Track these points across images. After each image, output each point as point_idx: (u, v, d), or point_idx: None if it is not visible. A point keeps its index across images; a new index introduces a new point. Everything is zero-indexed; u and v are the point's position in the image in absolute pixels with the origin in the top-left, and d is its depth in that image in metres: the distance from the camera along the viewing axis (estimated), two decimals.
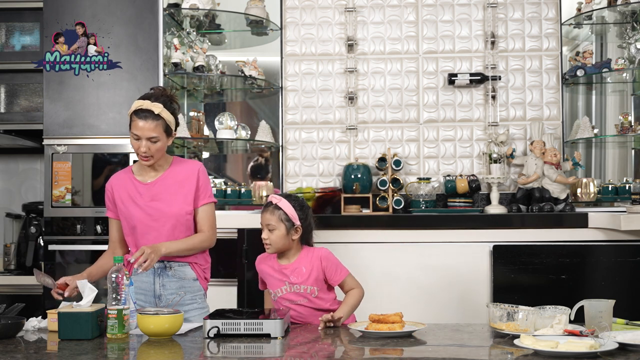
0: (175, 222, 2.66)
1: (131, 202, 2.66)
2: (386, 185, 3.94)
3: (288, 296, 2.65)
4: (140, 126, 2.57)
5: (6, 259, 4.29)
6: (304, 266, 2.66)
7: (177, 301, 2.62)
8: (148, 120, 2.58)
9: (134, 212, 2.65)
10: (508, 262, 3.59)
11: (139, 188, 2.68)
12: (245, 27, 4.35)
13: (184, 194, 2.68)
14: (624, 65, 3.99)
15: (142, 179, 2.69)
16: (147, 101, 2.60)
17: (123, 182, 2.70)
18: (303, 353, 2.07)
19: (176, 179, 2.69)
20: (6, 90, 4.20)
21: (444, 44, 4.23)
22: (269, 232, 2.65)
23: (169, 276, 2.67)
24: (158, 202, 2.66)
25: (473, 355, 2.10)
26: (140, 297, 2.67)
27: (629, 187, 4.01)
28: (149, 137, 2.58)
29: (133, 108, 2.60)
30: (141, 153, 2.60)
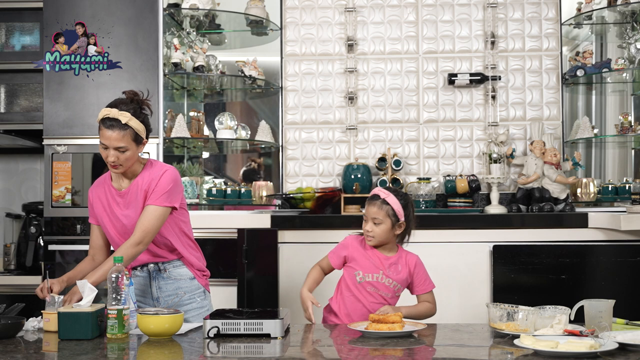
0: None
1: (110, 211, 2.61)
2: (386, 185, 3.94)
3: (378, 285, 2.65)
4: (108, 135, 2.47)
5: (6, 259, 4.29)
6: (400, 264, 2.70)
7: (175, 302, 2.62)
8: (115, 130, 2.47)
9: (114, 221, 2.60)
10: (508, 262, 3.59)
11: (115, 196, 2.61)
12: (245, 27, 4.35)
13: (142, 200, 2.58)
14: (624, 65, 3.99)
15: (117, 186, 2.62)
16: (114, 109, 2.49)
17: (101, 191, 2.64)
18: (303, 353, 2.07)
19: (142, 186, 2.58)
20: (6, 90, 4.20)
21: (444, 44, 4.23)
22: (373, 225, 2.66)
23: (165, 278, 2.67)
24: (131, 210, 2.59)
25: (473, 355, 2.10)
26: (139, 300, 2.67)
27: (629, 187, 4.02)
28: (116, 147, 2.48)
29: (100, 116, 2.49)
30: (109, 162, 2.51)
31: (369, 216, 2.67)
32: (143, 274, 2.67)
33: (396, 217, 2.66)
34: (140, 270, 2.68)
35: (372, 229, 2.66)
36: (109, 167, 2.56)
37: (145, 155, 3.84)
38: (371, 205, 2.68)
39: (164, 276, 2.66)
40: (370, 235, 2.67)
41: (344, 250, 2.73)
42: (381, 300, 2.66)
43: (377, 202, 2.67)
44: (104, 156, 2.52)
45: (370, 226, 2.66)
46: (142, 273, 2.68)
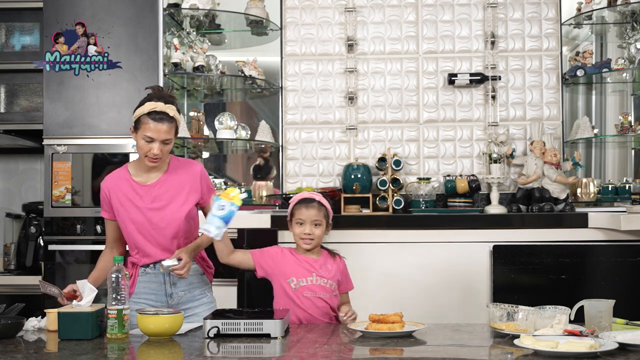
0: (178, 224, 2.63)
1: (131, 204, 2.62)
2: (386, 185, 3.94)
3: (313, 287, 2.66)
4: (157, 128, 2.51)
5: (6, 259, 4.29)
6: (329, 264, 2.73)
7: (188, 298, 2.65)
8: (164, 123, 2.52)
9: (135, 216, 2.61)
10: (508, 262, 3.59)
11: (138, 190, 2.62)
12: (245, 27, 4.35)
13: (185, 195, 2.64)
14: (624, 65, 3.99)
15: (141, 180, 2.64)
16: (160, 103, 2.54)
17: (120, 184, 2.64)
18: (303, 353, 2.07)
19: (178, 180, 2.64)
20: (6, 90, 4.20)
21: (444, 44, 4.23)
22: (313, 227, 2.69)
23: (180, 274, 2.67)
24: (160, 204, 2.62)
25: (473, 355, 2.10)
26: (151, 297, 2.66)
27: (629, 187, 4.02)
28: (163, 140, 2.53)
29: (147, 109, 2.53)
30: (152, 155, 2.54)
31: (307, 219, 2.68)
32: (155, 271, 2.66)
33: (328, 217, 2.75)
34: (152, 268, 2.66)
35: (312, 231, 2.68)
36: (147, 160, 2.56)
37: None
38: (309, 208, 2.70)
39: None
40: (310, 238, 2.68)
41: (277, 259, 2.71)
42: (321, 303, 2.66)
43: (314, 204, 2.71)
44: (146, 150, 2.54)
45: (310, 229, 2.68)
46: (154, 271, 2.66)
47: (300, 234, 2.69)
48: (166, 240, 2.63)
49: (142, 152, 2.55)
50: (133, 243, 2.66)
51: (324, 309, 2.66)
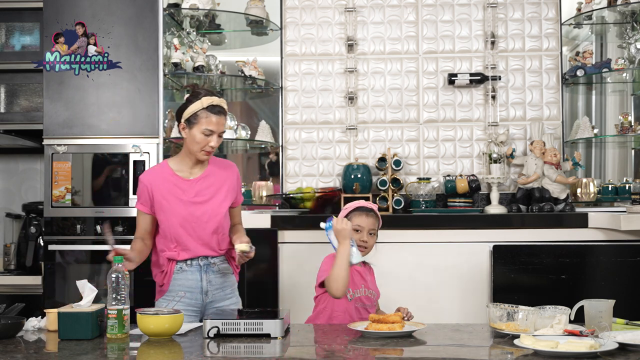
0: (219, 219, 2.68)
1: (174, 198, 2.65)
2: (386, 185, 3.94)
3: (363, 299, 2.68)
4: (217, 121, 2.62)
5: (6, 259, 4.29)
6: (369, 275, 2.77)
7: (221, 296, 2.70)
8: (222, 116, 2.65)
9: (179, 209, 2.65)
10: (508, 262, 3.59)
11: (181, 184, 2.67)
12: (245, 27, 4.35)
13: (225, 192, 2.72)
14: (624, 65, 3.99)
15: (183, 175, 2.70)
16: (215, 97, 2.65)
17: (162, 178, 2.68)
18: (303, 353, 2.07)
19: (218, 177, 2.72)
20: (6, 90, 4.20)
21: (444, 44, 4.23)
22: (369, 236, 2.71)
23: (214, 272, 2.70)
24: (202, 199, 2.67)
25: (473, 355, 2.10)
26: (187, 295, 2.66)
27: (629, 187, 4.02)
28: (220, 132, 2.63)
29: (205, 104, 2.62)
30: (208, 148, 2.62)
31: (365, 227, 2.70)
32: (192, 268, 2.67)
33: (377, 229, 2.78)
34: (189, 265, 2.67)
35: (369, 239, 2.70)
36: (201, 154, 2.64)
37: (146, 154, 3.84)
38: (369, 216, 2.72)
39: (213, 270, 2.70)
40: (365, 247, 2.70)
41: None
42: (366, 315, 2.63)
43: (372, 214, 2.73)
44: (204, 143, 2.62)
45: (367, 237, 2.70)
46: (190, 268, 2.67)
47: (357, 240, 2.68)
48: (207, 234, 2.66)
49: (199, 146, 2.62)
50: (174, 237, 2.66)
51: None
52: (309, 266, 3.62)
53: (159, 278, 2.71)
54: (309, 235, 3.67)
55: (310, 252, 3.59)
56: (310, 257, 3.50)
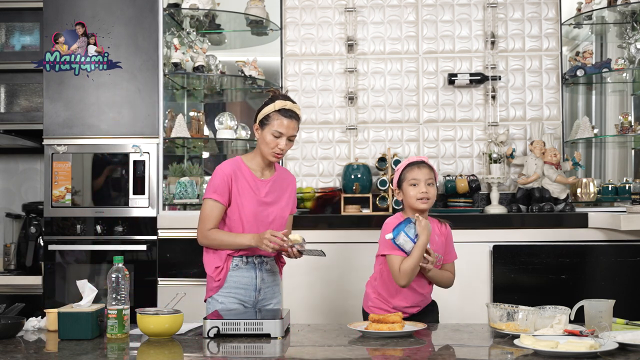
0: (280, 221, 2.76)
1: (249, 194, 2.70)
2: (386, 185, 3.94)
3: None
4: (287, 125, 2.68)
5: (6, 259, 4.29)
6: (436, 234, 2.73)
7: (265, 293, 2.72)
8: (293, 120, 2.70)
9: (250, 205, 2.70)
10: (508, 262, 3.59)
11: (254, 182, 2.73)
12: (245, 27, 4.35)
13: (287, 197, 2.81)
14: (624, 65, 3.99)
15: (257, 174, 2.76)
16: (288, 101, 2.71)
17: (240, 173, 2.73)
18: (303, 353, 2.07)
19: (284, 183, 2.81)
20: (6, 90, 4.20)
21: (444, 44, 4.23)
22: (429, 187, 2.67)
23: (267, 270, 2.75)
24: (269, 200, 2.74)
25: (473, 355, 2.10)
26: (240, 292, 2.70)
27: (629, 187, 4.01)
28: (290, 136, 2.69)
29: (278, 107, 2.68)
30: (278, 151, 2.68)
31: (421, 179, 2.66)
32: (248, 265, 2.71)
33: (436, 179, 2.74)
34: (244, 262, 2.71)
35: (428, 190, 2.66)
36: (271, 156, 2.70)
37: (146, 154, 3.84)
38: (421, 168, 2.70)
39: (267, 268, 2.75)
40: (426, 197, 2.66)
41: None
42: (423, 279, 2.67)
43: (425, 164, 2.71)
44: (273, 145, 2.68)
45: (426, 187, 2.66)
46: (246, 265, 2.71)
47: (417, 194, 2.66)
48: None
49: (269, 147, 2.69)
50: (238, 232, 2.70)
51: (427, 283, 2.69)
52: (309, 266, 3.62)
53: (214, 273, 2.71)
54: (309, 235, 3.66)
55: None
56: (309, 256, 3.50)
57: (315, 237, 3.67)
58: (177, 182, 4.01)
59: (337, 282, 3.66)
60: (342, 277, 3.65)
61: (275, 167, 2.83)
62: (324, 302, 3.67)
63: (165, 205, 3.94)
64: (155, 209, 3.83)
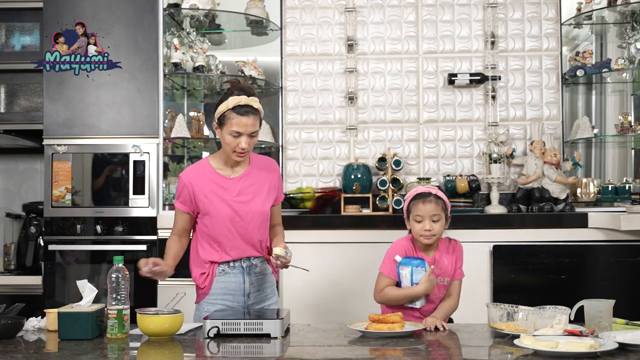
0: (261, 217, 2.64)
1: (217, 197, 2.59)
2: (386, 185, 3.94)
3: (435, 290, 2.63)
4: (244, 122, 2.51)
5: (6, 259, 4.29)
6: (445, 258, 2.66)
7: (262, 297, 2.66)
8: (250, 116, 2.53)
9: (221, 208, 2.58)
10: (508, 262, 3.59)
11: (223, 183, 2.61)
12: (245, 27, 4.35)
13: (267, 190, 2.66)
14: (623, 65, 3.99)
15: (225, 173, 2.63)
16: (243, 96, 2.53)
17: (204, 177, 2.61)
18: (303, 353, 2.07)
19: (260, 175, 2.67)
20: (6, 90, 4.20)
21: (444, 44, 4.23)
22: (433, 223, 2.59)
23: (256, 273, 2.66)
24: (245, 198, 2.61)
25: (473, 355, 2.10)
26: (228, 298, 2.62)
27: (629, 187, 4.01)
28: (250, 133, 2.53)
29: (231, 104, 2.52)
30: (239, 149, 2.53)
31: (426, 215, 2.59)
32: (235, 270, 2.62)
33: (446, 210, 2.65)
34: (231, 267, 2.63)
35: (432, 227, 2.59)
36: (234, 156, 2.56)
37: (146, 154, 3.84)
38: (426, 203, 2.60)
39: (255, 271, 2.65)
40: (431, 234, 2.59)
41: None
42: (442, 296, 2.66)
43: (431, 199, 2.61)
44: (233, 145, 2.53)
45: (430, 224, 2.59)
46: (233, 270, 2.63)
47: (420, 230, 2.60)
48: (250, 234, 2.61)
49: (230, 147, 2.55)
50: (217, 237, 2.60)
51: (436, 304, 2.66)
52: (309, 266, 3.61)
53: (199, 280, 2.64)
54: (309, 235, 3.67)
55: (310, 251, 3.59)
56: (310, 256, 3.50)
57: (316, 237, 3.68)
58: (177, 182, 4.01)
59: (337, 282, 3.66)
60: (342, 277, 3.65)
61: (251, 160, 2.68)
62: (324, 302, 3.67)
63: (165, 205, 3.94)
64: (155, 209, 3.83)
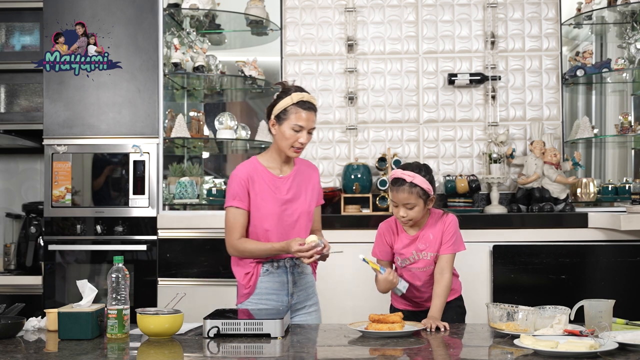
0: (307, 217, 2.67)
1: (268, 195, 2.61)
2: (386, 185, 3.94)
3: (418, 264, 2.67)
4: (308, 117, 2.58)
5: (6, 259, 4.29)
6: (431, 233, 2.67)
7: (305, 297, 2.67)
8: (312, 112, 2.60)
9: (271, 207, 2.61)
10: (508, 262, 3.59)
11: (274, 181, 2.63)
12: (245, 27, 4.35)
13: (310, 191, 2.70)
14: (623, 65, 3.99)
15: (275, 172, 2.66)
16: (305, 93, 2.61)
17: (256, 174, 2.63)
18: (303, 353, 2.07)
19: (305, 176, 2.71)
20: (6, 90, 4.20)
21: (444, 44, 4.23)
22: (407, 210, 2.60)
23: (299, 273, 2.67)
24: (293, 197, 2.64)
25: (473, 355, 2.10)
26: (272, 298, 2.62)
27: (629, 187, 4.02)
28: (310, 129, 2.60)
29: (296, 99, 2.57)
30: (298, 145, 2.58)
31: (399, 202, 2.60)
32: (279, 270, 2.63)
33: (426, 194, 2.61)
34: (275, 267, 2.63)
35: (406, 213, 2.60)
36: (291, 151, 2.60)
37: (146, 154, 3.84)
38: (399, 191, 2.59)
39: (298, 271, 2.66)
40: (406, 220, 2.61)
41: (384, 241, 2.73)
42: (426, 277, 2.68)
43: (405, 187, 2.58)
44: (293, 139, 2.58)
45: (404, 211, 2.60)
46: (276, 270, 2.63)
47: (396, 215, 2.64)
48: (294, 233, 2.63)
49: (288, 142, 2.59)
50: (263, 235, 2.61)
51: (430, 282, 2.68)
52: None
53: (244, 280, 2.64)
54: None
55: None
56: None
57: None
58: (177, 182, 4.01)
59: (337, 282, 3.66)
60: (342, 277, 3.65)
61: (295, 161, 2.72)
62: (324, 301, 3.67)
63: (165, 205, 3.94)
64: (155, 209, 3.83)
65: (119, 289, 2.23)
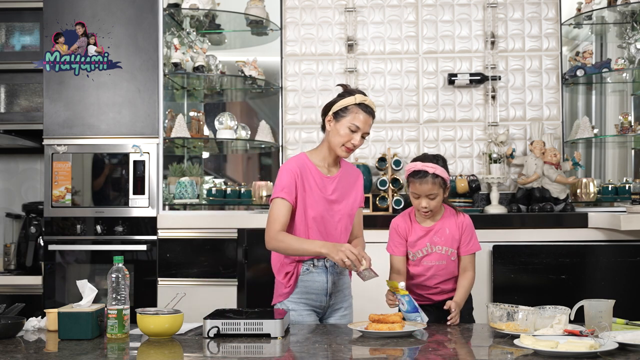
0: (348, 219, 2.67)
1: (315, 192, 2.59)
2: (386, 185, 3.94)
3: (431, 257, 2.69)
4: (365, 120, 2.57)
5: (6, 259, 4.29)
6: (447, 227, 2.71)
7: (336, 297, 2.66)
8: (370, 117, 2.60)
9: (316, 204, 2.59)
10: (508, 262, 3.59)
11: (321, 180, 2.62)
12: (245, 27, 4.35)
13: (354, 194, 2.71)
14: (623, 65, 3.99)
15: (323, 171, 2.65)
16: (368, 98, 2.62)
17: (307, 170, 2.62)
18: (303, 353, 2.07)
19: (350, 179, 2.71)
20: (6, 90, 4.20)
21: (444, 44, 4.23)
22: (430, 201, 2.64)
23: (337, 274, 2.66)
24: (336, 198, 2.64)
25: (473, 356, 2.10)
26: (311, 297, 2.62)
27: (629, 187, 4.02)
28: (365, 132, 2.59)
29: (359, 100, 2.58)
30: (350, 145, 2.58)
31: (422, 193, 2.64)
32: (318, 270, 2.62)
33: (445, 184, 2.67)
34: (315, 266, 2.61)
35: (428, 204, 2.64)
36: (342, 150, 2.59)
37: (146, 154, 3.84)
38: (423, 183, 2.63)
39: (337, 271, 2.66)
40: (428, 210, 2.65)
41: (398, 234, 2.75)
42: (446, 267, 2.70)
43: (428, 179, 2.63)
44: (347, 139, 2.57)
45: (426, 202, 2.64)
46: (316, 269, 2.62)
47: (418, 206, 2.67)
48: (336, 234, 2.63)
49: (342, 140, 2.58)
50: (305, 233, 2.60)
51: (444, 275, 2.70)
52: None
53: (284, 280, 2.62)
54: None
55: None
56: None
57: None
58: (177, 182, 4.01)
59: None
60: None
61: (341, 163, 2.71)
62: None
63: (165, 205, 3.94)
64: (155, 209, 3.83)
65: (119, 289, 2.23)
